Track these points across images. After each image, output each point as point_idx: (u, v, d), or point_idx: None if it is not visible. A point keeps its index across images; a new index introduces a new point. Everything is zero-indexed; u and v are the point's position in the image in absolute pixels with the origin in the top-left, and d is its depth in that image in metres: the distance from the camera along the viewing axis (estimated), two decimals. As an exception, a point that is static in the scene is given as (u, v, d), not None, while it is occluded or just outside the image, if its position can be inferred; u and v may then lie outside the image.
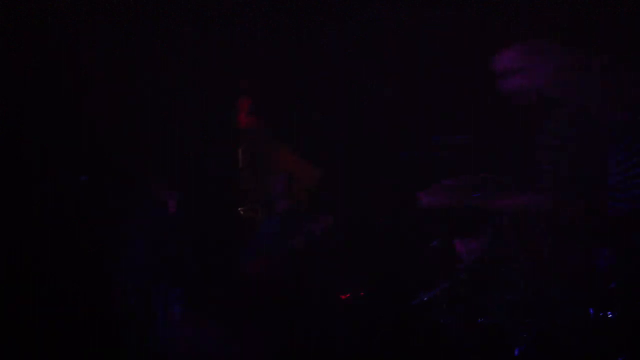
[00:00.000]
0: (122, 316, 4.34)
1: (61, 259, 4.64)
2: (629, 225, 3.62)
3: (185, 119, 4.87)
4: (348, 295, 4.47)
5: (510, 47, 3.60)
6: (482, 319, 3.98)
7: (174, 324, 4.09)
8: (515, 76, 3.37)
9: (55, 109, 4.81)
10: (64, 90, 4.82)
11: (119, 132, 4.85)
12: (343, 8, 4.75)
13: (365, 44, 4.68)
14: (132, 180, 4.72)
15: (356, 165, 4.69)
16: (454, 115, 4.50)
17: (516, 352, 3.77)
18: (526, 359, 3.74)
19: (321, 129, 4.79)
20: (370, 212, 4.69)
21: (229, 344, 4.06)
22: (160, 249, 4.15)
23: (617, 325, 3.50)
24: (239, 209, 4.71)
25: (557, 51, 3.41)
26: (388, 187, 4.45)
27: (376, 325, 4.35)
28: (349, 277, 4.52)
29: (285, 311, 4.22)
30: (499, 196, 3.78)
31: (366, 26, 4.71)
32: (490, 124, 4.31)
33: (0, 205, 4.68)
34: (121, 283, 4.47)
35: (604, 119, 3.68)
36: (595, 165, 3.72)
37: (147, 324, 4.13)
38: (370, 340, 4.28)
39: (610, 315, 3.49)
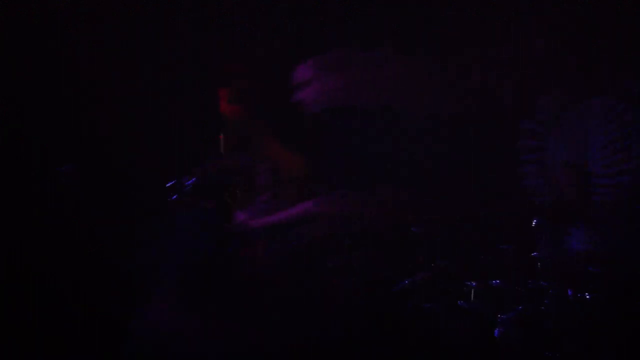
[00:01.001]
0: (122, 314, 4.34)
1: (61, 259, 4.65)
2: (609, 211, 3.66)
3: (185, 119, 4.87)
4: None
5: (307, 61, 3.79)
6: (462, 302, 4.03)
7: (174, 322, 4.10)
8: (309, 87, 3.58)
9: (55, 109, 4.82)
10: (64, 90, 4.82)
11: (119, 132, 4.85)
12: (343, 8, 4.75)
13: (365, 43, 4.68)
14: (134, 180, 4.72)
15: (347, 156, 4.66)
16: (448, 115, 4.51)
17: (496, 333, 3.81)
18: (506, 340, 3.78)
19: (310, 121, 4.76)
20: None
21: (227, 342, 4.06)
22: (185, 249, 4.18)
23: (595, 306, 3.54)
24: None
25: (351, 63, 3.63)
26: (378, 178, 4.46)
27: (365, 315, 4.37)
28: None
29: (284, 310, 4.22)
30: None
31: (366, 26, 4.71)
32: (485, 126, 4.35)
33: (0, 205, 4.69)
34: (125, 282, 4.48)
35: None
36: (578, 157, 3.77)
37: (147, 322, 4.13)
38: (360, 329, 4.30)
39: (588, 297, 3.54)
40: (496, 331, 3.83)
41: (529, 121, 4.02)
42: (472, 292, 4.03)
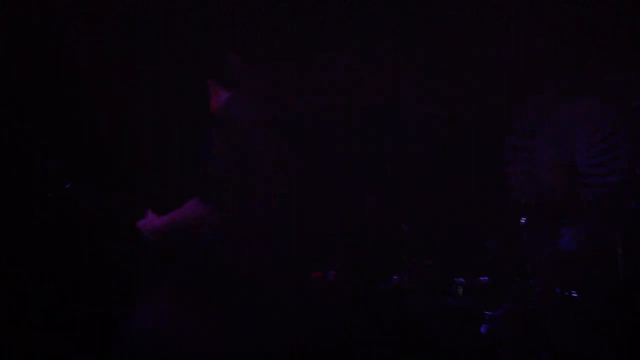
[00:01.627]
0: (122, 314, 4.34)
1: (61, 259, 4.65)
2: (599, 210, 3.68)
3: (185, 119, 4.87)
4: (319, 273, 4.46)
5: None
6: (450, 300, 4.04)
7: (174, 322, 4.10)
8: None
9: (55, 109, 4.82)
10: (64, 90, 4.83)
11: (119, 132, 4.85)
12: (343, 8, 4.76)
13: (365, 44, 4.69)
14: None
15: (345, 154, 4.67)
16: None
17: (482, 330, 3.82)
18: (494, 337, 3.79)
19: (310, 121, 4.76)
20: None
21: (227, 342, 4.06)
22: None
23: (589, 306, 3.56)
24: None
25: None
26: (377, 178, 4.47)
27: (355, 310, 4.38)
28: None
29: (284, 311, 4.22)
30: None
31: (366, 26, 4.71)
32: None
33: (0, 205, 4.69)
34: (125, 282, 4.48)
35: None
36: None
37: (147, 322, 4.13)
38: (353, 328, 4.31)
39: (575, 295, 3.55)
40: (482, 327, 3.84)
41: (519, 120, 4.04)
42: (462, 290, 4.05)
